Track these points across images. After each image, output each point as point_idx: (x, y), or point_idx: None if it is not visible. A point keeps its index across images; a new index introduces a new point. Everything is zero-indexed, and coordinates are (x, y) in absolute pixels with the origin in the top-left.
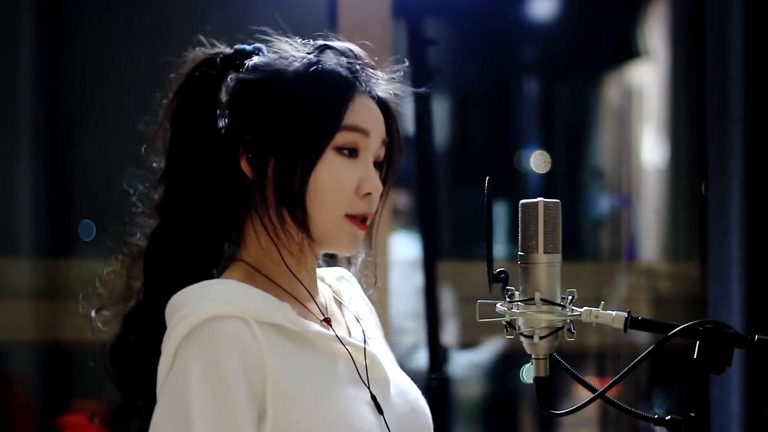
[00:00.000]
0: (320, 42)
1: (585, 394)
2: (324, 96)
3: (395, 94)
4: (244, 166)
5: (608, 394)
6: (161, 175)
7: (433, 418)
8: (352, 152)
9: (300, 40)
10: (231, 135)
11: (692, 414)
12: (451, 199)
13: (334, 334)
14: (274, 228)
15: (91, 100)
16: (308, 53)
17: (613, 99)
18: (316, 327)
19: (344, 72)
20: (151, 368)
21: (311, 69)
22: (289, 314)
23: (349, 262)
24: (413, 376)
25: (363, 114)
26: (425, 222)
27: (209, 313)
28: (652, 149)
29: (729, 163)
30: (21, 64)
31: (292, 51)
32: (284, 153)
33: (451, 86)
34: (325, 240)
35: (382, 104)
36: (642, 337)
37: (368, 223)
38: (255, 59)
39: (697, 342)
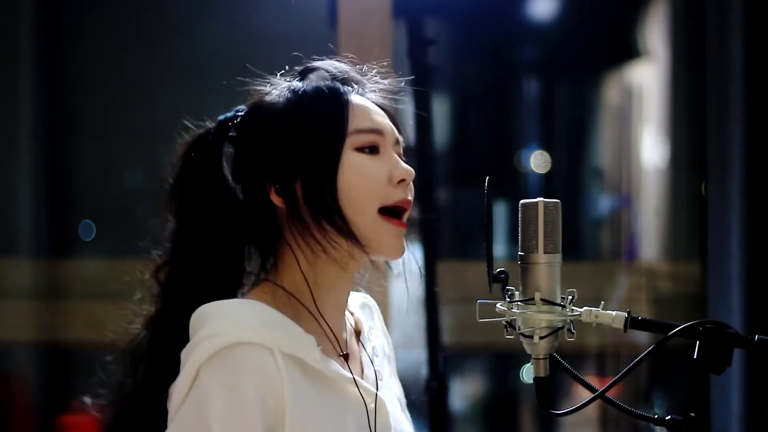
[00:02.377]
0: (299, 68)
1: (585, 394)
2: (321, 104)
3: (390, 93)
4: (275, 198)
5: (608, 394)
6: (170, 261)
7: (433, 419)
8: (373, 149)
9: (277, 75)
10: (253, 182)
11: (692, 414)
12: (451, 199)
13: (350, 376)
14: (321, 245)
15: (91, 100)
16: (291, 82)
17: (613, 99)
18: (335, 366)
19: (331, 83)
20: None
21: (300, 91)
22: (312, 350)
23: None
24: (411, 382)
25: (368, 114)
26: (425, 223)
27: (237, 338)
28: (652, 149)
29: (729, 163)
30: (21, 64)
31: (275, 86)
32: (306, 170)
33: (451, 86)
34: (370, 245)
35: (380, 106)
36: (642, 337)
37: (406, 219)
38: (240, 118)
39: (697, 342)
